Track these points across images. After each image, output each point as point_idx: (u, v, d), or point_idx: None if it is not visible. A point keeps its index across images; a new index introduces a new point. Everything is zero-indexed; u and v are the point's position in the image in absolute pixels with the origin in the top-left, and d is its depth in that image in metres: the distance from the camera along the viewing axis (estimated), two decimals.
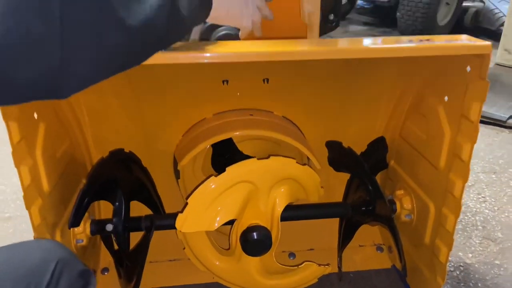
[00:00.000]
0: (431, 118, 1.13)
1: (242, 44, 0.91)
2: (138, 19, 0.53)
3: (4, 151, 2.15)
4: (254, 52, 0.83)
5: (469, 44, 0.87)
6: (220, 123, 1.27)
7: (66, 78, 0.50)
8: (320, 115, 1.34)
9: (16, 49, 0.45)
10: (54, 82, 0.50)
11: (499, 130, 2.37)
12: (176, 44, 0.81)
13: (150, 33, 0.58)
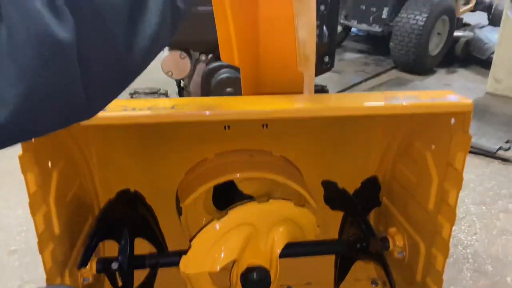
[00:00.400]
0: (420, 163, 1.20)
1: (243, 101, 0.99)
2: (144, 41, 0.58)
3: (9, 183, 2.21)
4: (253, 110, 0.91)
5: (452, 102, 0.95)
6: (221, 163, 1.34)
7: (90, 110, 0.58)
8: (316, 156, 1.41)
9: (43, 103, 0.50)
10: (79, 118, 0.57)
11: (489, 161, 2.45)
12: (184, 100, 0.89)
13: (156, 46, 0.62)
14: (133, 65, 0.59)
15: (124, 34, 0.56)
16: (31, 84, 0.47)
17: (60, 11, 0.48)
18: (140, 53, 0.58)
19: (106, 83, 0.57)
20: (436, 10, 3.85)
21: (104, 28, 0.54)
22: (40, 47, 0.47)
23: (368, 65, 4.55)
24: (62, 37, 0.47)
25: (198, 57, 1.80)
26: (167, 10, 0.60)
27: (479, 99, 3.32)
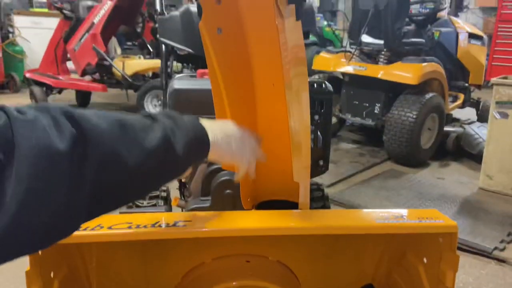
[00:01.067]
0: (413, 275, 1.23)
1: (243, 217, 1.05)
2: (137, 162, 0.65)
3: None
4: (253, 228, 0.97)
5: (438, 224, 1.01)
6: (218, 268, 1.36)
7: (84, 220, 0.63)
8: (312, 263, 1.44)
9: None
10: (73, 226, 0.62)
11: (486, 261, 2.45)
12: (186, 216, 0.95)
13: (146, 173, 0.68)
14: (125, 180, 0.66)
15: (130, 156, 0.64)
16: (30, 188, 0.52)
17: (61, 127, 0.56)
18: (133, 171, 0.65)
19: (105, 193, 0.63)
20: (425, 108, 4.08)
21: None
22: (40, 156, 0.53)
23: (363, 156, 4.69)
24: (60, 147, 0.54)
25: None
26: (161, 151, 0.70)
27: (473, 195, 3.40)
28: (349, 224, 1.01)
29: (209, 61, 1.18)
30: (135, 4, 5.91)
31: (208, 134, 0.87)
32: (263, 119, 1.31)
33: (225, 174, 1.75)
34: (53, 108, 0.58)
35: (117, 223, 0.95)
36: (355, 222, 1.01)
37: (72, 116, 0.58)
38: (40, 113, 0.56)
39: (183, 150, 0.74)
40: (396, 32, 4.29)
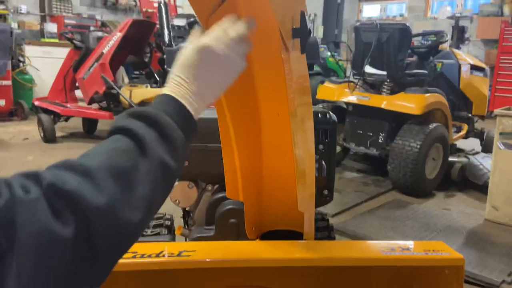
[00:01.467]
0: None
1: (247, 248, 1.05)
2: (141, 213, 0.63)
3: None
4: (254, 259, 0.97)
5: (444, 256, 1.01)
6: None
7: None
8: None
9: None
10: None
11: None
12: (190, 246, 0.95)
13: (151, 213, 0.66)
14: (132, 236, 0.64)
15: (120, 210, 0.59)
16: (33, 280, 0.50)
17: (61, 213, 0.53)
18: (138, 224, 0.62)
19: (111, 260, 0.61)
20: (428, 139, 4.10)
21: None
22: (44, 245, 0.50)
23: (368, 185, 4.67)
24: (64, 235, 0.52)
25: (204, 187, 1.90)
26: (158, 177, 0.65)
27: (479, 226, 3.36)
28: (355, 255, 1.01)
29: None
30: (143, 35, 6.07)
31: (191, 113, 0.75)
32: (268, 148, 1.32)
33: (229, 203, 1.76)
34: (47, 187, 0.55)
35: None
36: (361, 254, 1.01)
37: (67, 196, 0.55)
38: (40, 191, 0.54)
39: (177, 163, 0.70)
40: (398, 64, 4.36)
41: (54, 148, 5.73)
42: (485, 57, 10.03)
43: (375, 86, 4.72)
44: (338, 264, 0.98)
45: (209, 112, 1.86)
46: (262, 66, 1.16)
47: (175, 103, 0.74)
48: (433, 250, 1.02)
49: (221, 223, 1.73)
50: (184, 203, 1.86)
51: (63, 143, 5.98)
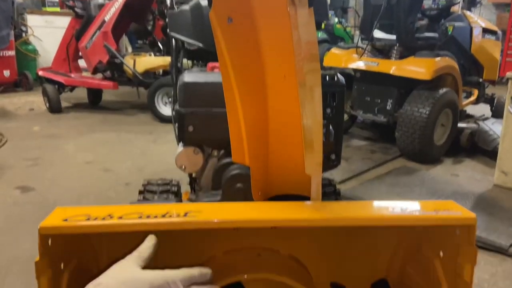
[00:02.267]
0: (429, 269, 1.20)
1: (253, 208, 1.03)
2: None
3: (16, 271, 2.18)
4: (263, 219, 0.95)
5: (455, 216, 0.98)
6: (229, 262, 1.34)
7: None
8: (324, 257, 1.41)
9: None
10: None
11: (501, 258, 2.39)
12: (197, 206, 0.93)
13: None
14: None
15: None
16: None
17: None
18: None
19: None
20: (438, 104, 4.02)
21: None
22: None
23: (375, 153, 4.64)
24: None
25: (210, 152, 1.88)
26: None
27: (488, 191, 3.34)
28: (363, 215, 0.98)
29: (219, 52, 1.16)
30: (145, 1, 5.93)
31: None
32: (274, 111, 1.29)
33: (236, 168, 1.74)
34: None
35: (127, 213, 0.94)
36: (369, 214, 0.99)
37: None
38: None
39: None
40: (408, 27, 4.22)
41: (60, 118, 5.73)
42: (496, 21, 9.73)
43: (384, 52, 4.60)
44: (345, 224, 0.96)
45: (214, 76, 1.82)
46: (267, 22, 1.11)
47: None
48: (444, 210, 1.00)
49: (228, 188, 1.72)
50: (190, 169, 1.84)
51: (69, 114, 5.98)
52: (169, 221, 0.92)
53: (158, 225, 0.92)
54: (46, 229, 0.88)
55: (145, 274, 0.73)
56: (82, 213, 0.94)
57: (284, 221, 0.96)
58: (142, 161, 4.07)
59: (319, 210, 1.01)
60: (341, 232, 1.32)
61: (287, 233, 1.37)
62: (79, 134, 4.98)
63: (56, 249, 0.98)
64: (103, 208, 0.97)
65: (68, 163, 4.00)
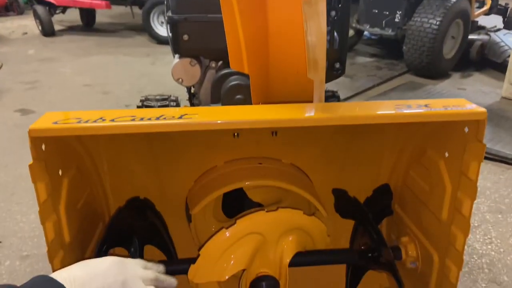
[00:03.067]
0: (432, 171, 1.18)
1: (252, 110, 0.98)
2: None
3: (23, 187, 2.24)
4: (262, 120, 0.90)
5: (465, 111, 0.93)
6: (230, 170, 1.33)
7: None
8: (326, 164, 1.40)
9: None
10: None
11: (505, 168, 2.40)
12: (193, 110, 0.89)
13: None
14: None
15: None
16: None
17: None
18: None
19: None
20: (450, 14, 3.79)
21: None
22: None
23: (381, 70, 4.51)
24: None
25: (208, 64, 1.80)
26: None
27: (495, 103, 3.27)
28: (369, 113, 0.93)
29: None
30: None
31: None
32: (274, 18, 1.18)
33: (235, 78, 1.67)
34: None
35: (120, 116, 0.89)
36: (375, 112, 0.93)
37: None
38: None
39: None
40: None
41: (54, 41, 5.54)
42: None
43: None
44: (349, 122, 0.91)
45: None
46: None
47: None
48: (453, 106, 0.95)
49: (227, 99, 1.66)
50: (188, 82, 1.77)
51: (63, 37, 5.77)
52: (163, 123, 0.88)
53: (152, 127, 0.87)
54: (36, 131, 0.84)
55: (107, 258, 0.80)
56: (73, 117, 0.89)
57: (286, 121, 0.91)
58: (141, 83, 3.98)
59: (322, 110, 0.96)
60: (344, 138, 1.29)
61: (289, 141, 1.34)
62: (75, 57, 4.84)
63: (51, 155, 0.95)
64: (95, 112, 0.92)
65: (67, 86, 3.93)
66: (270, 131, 1.28)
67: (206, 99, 1.84)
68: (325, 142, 1.31)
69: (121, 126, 0.87)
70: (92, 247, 1.21)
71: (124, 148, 1.24)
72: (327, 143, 1.31)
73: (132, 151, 1.25)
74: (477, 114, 0.92)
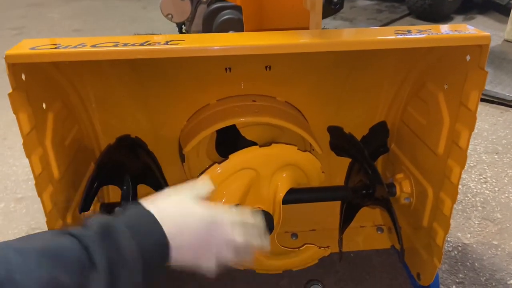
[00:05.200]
0: (431, 104, 1.14)
1: (245, 36, 0.93)
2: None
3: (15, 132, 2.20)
4: (255, 45, 0.85)
5: (468, 35, 0.88)
6: (223, 108, 1.29)
7: None
8: (322, 101, 1.36)
9: None
10: None
11: (503, 110, 2.37)
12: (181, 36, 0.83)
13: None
14: None
15: None
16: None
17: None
18: None
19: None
20: None
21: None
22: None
23: (381, 13, 4.35)
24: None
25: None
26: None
27: (497, 46, 3.17)
28: (369, 38, 0.88)
29: None
30: None
31: (166, 237, 0.62)
32: None
33: (228, 13, 1.59)
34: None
35: (102, 42, 0.84)
36: (376, 37, 0.88)
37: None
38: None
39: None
40: None
41: None
42: None
43: None
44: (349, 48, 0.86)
45: None
46: None
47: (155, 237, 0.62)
48: (456, 30, 0.89)
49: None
50: (178, 18, 1.69)
51: None
52: (148, 49, 0.83)
53: (136, 52, 0.82)
54: (13, 57, 0.79)
55: (199, 209, 0.70)
56: (52, 43, 0.84)
57: (280, 46, 0.85)
58: (132, 28, 3.84)
59: (319, 36, 0.90)
60: (341, 70, 1.23)
61: (283, 77, 1.29)
62: (64, 1, 4.64)
63: (33, 86, 0.90)
64: (75, 38, 0.86)
65: (55, 31, 3.79)
66: (264, 65, 1.23)
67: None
68: (322, 77, 1.26)
69: (103, 52, 0.82)
70: (84, 185, 1.19)
71: (111, 82, 1.19)
72: (324, 77, 1.26)
73: (120, 85, 1.20)
74: (480, 38, 0.87)
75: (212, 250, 0.69)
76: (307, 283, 1.33)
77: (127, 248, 0.58)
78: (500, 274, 1.38)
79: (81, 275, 0.52)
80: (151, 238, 0.61)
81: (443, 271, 1.39)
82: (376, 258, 1.42)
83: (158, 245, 0.62)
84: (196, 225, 0.68)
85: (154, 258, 0.62)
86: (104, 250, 0.55)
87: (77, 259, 0.53)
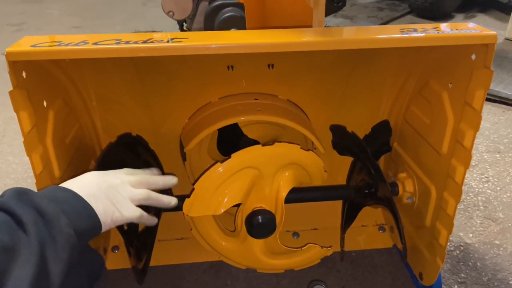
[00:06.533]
0: (435, 103, 1.13)
1: (247, 34, 0.91)
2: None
3: (14, 129, 2.20)
4: (258, 43, 0.84)
5: (474, 33, 0.87)
6: (225, 107, 1.28)
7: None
8: (324, 99, 1.35)
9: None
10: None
11: (505, 109, 2.36)
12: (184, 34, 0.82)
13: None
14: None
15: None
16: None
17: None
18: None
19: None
20: None
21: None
22: None
23: (382, 10, 4.34)
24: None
25: None
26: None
27: (498, 45, 3.13)
28: (372, 37, 0.87)
29: None
30: None
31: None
32: None
33: (229, 10, 1.58)
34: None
35: (104, 40, 0.83)
36: (379, 35, 0.87)
37: None
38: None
39: (61, 276, 0.63)
40: None
41: None
42: None
43: None
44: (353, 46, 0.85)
45: None
46: None
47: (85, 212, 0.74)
48: (462, 29, 0.88)
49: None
50: (179, 15, 1.68)
51: None
52: (151, 47, 0.82)
53: (138, 50, 0.81)
54: (13, 54, 0.78)
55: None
56: (53, 40, 0.83)
57: (283, 44, 0.84)
58: (132, 25, 3.82)
59: (322, 34, 0.89)
60: (344, 69, 1.22)
61: (286, 75, 1.28)
62: None
63: (34, 84, 0.89)
64: (77, 36, 0.85)
65: (55, 28, 3.77)
66: (266, 63, 1.22)
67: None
68: (324, 75, 1.25)
69: (105, 50, 0.80)
70: None
71: (112, 80, 1.18)
72: (326, 76, 1.25)
73: (121, 82, 1.19)
74: (487, 37, 0.86)
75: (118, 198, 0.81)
76: (310, 283, 1.33)
77: (46, 206, 0.65)
78: (502, 273, 1.37)
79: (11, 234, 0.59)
80: (66, 196, 0.72)
81: (444, 271, 1.38)
82: (377, 257, 1.42)
83: (74, 198, 0.72)
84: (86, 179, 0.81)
85: (71, 213, 0.70)
86: (26, 209, 0.62)
87: (3, 221, 0.60)
